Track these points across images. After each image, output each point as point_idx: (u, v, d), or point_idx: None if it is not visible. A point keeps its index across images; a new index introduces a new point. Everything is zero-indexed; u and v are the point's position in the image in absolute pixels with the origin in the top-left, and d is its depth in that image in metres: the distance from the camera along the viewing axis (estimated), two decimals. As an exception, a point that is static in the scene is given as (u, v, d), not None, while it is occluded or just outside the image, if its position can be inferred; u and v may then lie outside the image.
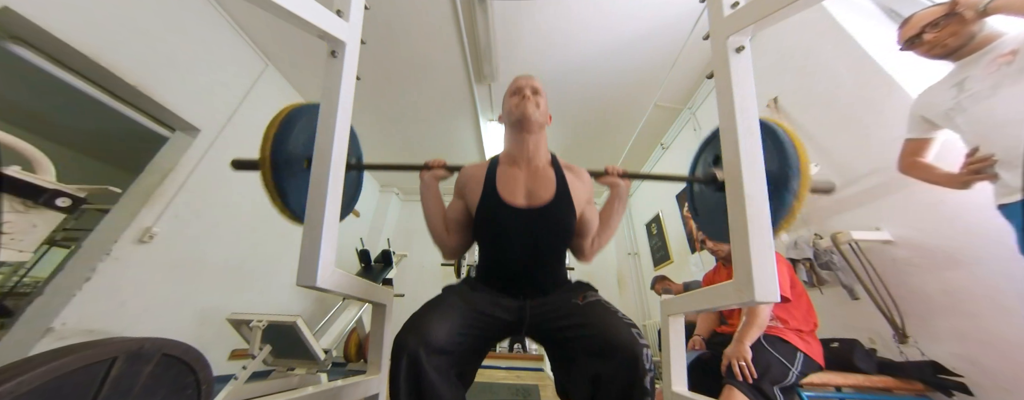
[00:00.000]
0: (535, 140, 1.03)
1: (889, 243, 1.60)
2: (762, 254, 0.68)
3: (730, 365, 1.29)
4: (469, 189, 1.05)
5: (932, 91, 1.15)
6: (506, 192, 0.99)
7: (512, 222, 0.97)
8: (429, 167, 1.10)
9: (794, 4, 0.67)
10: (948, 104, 1.06)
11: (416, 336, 0.75)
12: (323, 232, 0.73)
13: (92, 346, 0.55)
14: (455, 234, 1.08)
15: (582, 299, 0.91)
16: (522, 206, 0.98)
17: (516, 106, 1.02)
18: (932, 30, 1.07)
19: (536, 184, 1.00)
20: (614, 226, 1.10)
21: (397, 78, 3.26)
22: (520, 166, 1.03)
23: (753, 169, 0.73)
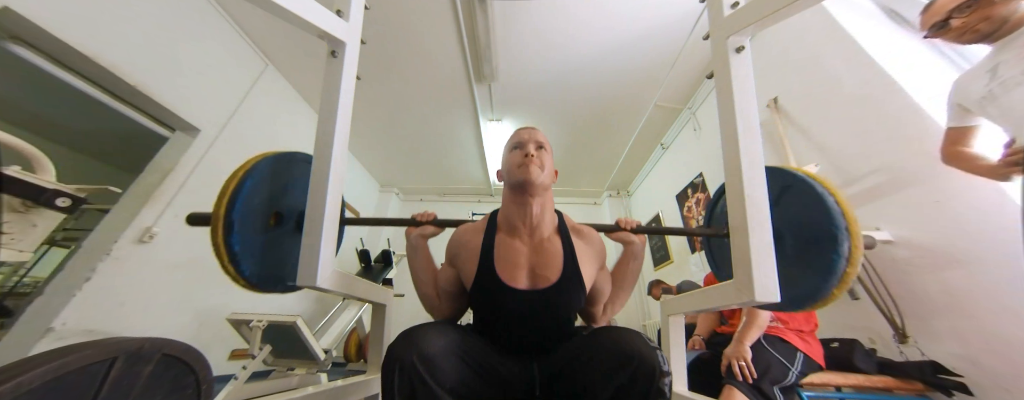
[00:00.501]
0: (540, 203, 0.90)
1: (889, 243, 1.59)
2: (762, 254, 0.68)
3: (730, 365, 1.29)
4: (462, 261, 0.92)
5: (968, 76, 1.06)
6: (505, 272, 0.86)
7: (513, 306, 0.85)
8: (417, 223, 0.97)
9: (794, 4, 0.67)
10: (981, 92, 0.98)
11: (410, 346, 0.68)
12: (323, 232, 0.73)
13: (92, 346, 0.55)
14: (448, 302, 0.96)
15: (587, 330, 0.86)
16: (524, 288, 0.86)
17: (518, 167, 0.88)
18: (959, 15, 0.98)
19: (540, 261, 0.87)
20: (629, 287, 0.98)
21: (397, 78, 3.25)
22: (522, 237, 0.90)
23: (753, 169, 0.73)
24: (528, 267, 0.87)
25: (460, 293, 0.95)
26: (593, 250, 0.94)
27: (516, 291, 0.85)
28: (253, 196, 0.82)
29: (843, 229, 0.75)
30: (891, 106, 1.63)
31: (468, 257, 0.91)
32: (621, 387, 0.68)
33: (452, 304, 0.97)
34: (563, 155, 4.44)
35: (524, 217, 0.89)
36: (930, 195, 1.47)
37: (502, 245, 0.90)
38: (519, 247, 0.89)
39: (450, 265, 0.97)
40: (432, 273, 0.97)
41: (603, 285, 0.95)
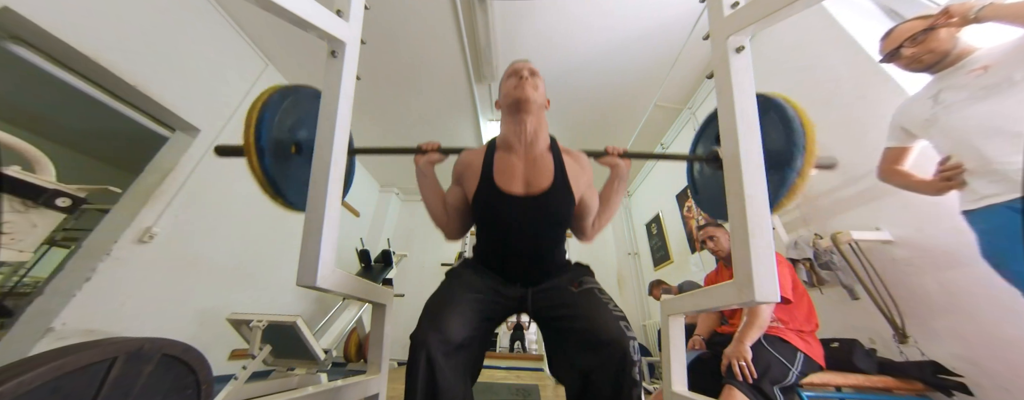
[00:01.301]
0: (534, 122, 0.99)
1: (889, 243, 1.60)
2: (762, 254, 0.68)
3: (730, 365, 1.29)
4: (466, 177, 1.04)
5: (911, 102, 1.19)
6: (503, 181, 0.97)
7: (510, 211, 0.96)
8: (423, 151, 1.08)
9: (794, 4, 0.67)
10: (925, 115, 1.11)
11: (436, 334, 0.78)
12: (323, 232, 0.73)
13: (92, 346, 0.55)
14: (456, 218, 1.08)
15: (577, 286, 0.94)
16: (519, 194, 0.96)
17: (514, 87, 0.99)
18: (911, 45, 1.11)
19: (534, 172, 0.98)
20: (614, 207, 1.09)
21: (397, 78, 3.26)
22: (517, 152, 1.00)
23: (753, 169, 0.73)
24: (523, 177, 0.97)
25: (466, 209, 1.06)
26: (581, 168, 1.05)
27: (512, 197, 0.96)
28: (272, 127, 0.89)
29: (801, 146, 0.86)
30: (891, 106, 1.62)
31: (471, 174, 1.02)
32: (593, 370, 0.77)
33: (459, 220, 1.08)
34: (563, 155, 4.45)
35: (519, 134, 0.98)
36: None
37: (500, 160, 1.00)
38: (515, 161, 0.99)
39: (456, 184, 1.08)
40: (440, 195, 1.09)
41: (591, 201, 1.05)
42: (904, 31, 1.12)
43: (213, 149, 0.99)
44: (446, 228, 1.10)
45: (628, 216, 5.28)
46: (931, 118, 1.09)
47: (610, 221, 1.10)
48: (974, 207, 1.01)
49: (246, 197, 2.81)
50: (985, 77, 0.98)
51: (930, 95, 1.11)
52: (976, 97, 0.99)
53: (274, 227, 3.09)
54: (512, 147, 1.01)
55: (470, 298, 0.91)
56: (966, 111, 1.00)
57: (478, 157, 1.04)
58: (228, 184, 2.68)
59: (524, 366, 4.03)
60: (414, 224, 5.63)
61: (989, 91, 0.96)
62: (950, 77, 1.07)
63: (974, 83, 1.00)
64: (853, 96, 1.81)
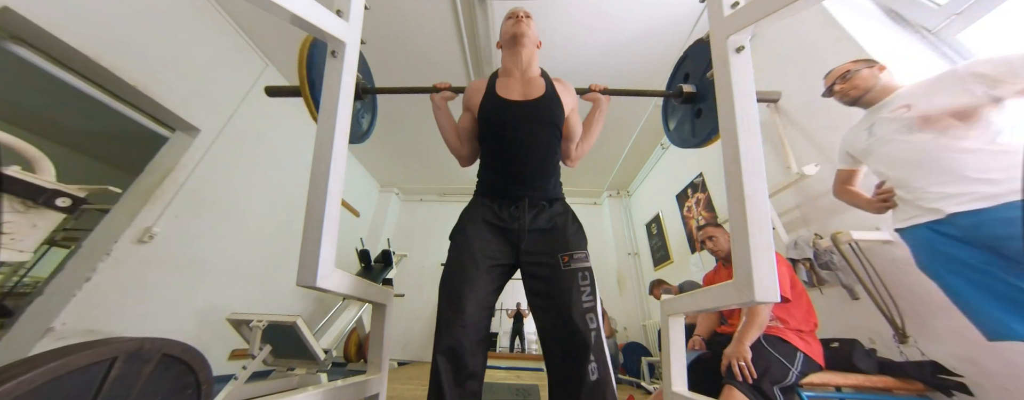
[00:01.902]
0: (528, 54, 1.18)
1: (889, 243, 1.59)
2: (762, 254, 0.68)
3: (730, 365, 1.29)
4: (474, 100, 1.20)
5: (853, 131, 1.35)
6: (503, 91, 1.16)
7: (509, 113, 1.12)
8: (437, 89, 1.29)
9: (794, 4, 0.67)
10: (862, 145, 1.28)
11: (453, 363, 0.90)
12: (323, 232, 0.73)
13: (92, 346, 0.55)
14: (467, 142, 1.24)
15: (567, 259, 1.00)
16: (517, 99, 1.14)
17: (512, 26, 1.17)
18: (841, 82, 1.32)
19: (528, 86, 1.17)
20: (595, 134, 1.27)
21: (397, 78, 3.26)
22: (515, 76, 1.19)
23: (753, 169, 0.73)
24: (520, 90, 1.16)
25: (476, 132, 1.21)
26: (567, 91, 1.22)
27: (512, 101, 1.13)
28: (316, 67, 1.01)
29: None
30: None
31: (477, 94, 1.19)
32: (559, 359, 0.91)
33: (470, 144, 1.25)
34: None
35: (517, 62, 1.18)
36: (930, 195, 1.47)
37: (501, 81, 1.19)
38: (513, 81, 1.18)
39: (467, 110, 1.24)
40: (453, 124, 1.26)
41: (576, 125, 1.23)
42: (836, 71, 1.35)
43: (264, 89, 1.15)
44: (459, 152, 1.26)
45: (628, 216, 5.28)
46: (866, 148, 1.26)
47: (591, 147, 1.29)
48: (902, 226, 1.16)
49: (246, 197, 2.81)
50: (908, 115, 1.13)
51: (866, 127, 1.28)
52: (900, 132, 1.15)
53: (274, 227, 3.10)
54: (511, 72, 1.20)
55: (475, 277, 0.99)
56: (893, 144, 1.17)
57: (483, 83, 1.23)
58: (228, 184, 2.68)
59: (524, 366, 4.03)
60: (414, 224, 5.64)
61: (909, 128, 1.12)
62: (879, 112, 1.24)
63: (899, 119, 1.15)
64: (853, 96, 1.81)
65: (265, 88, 1.15)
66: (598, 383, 0.86)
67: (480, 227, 1.08)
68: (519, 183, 1.11)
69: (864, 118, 1.31)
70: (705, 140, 1.21)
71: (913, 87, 1.19)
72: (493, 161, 1.17)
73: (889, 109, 1.20)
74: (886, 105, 1.22)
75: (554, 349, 0.93)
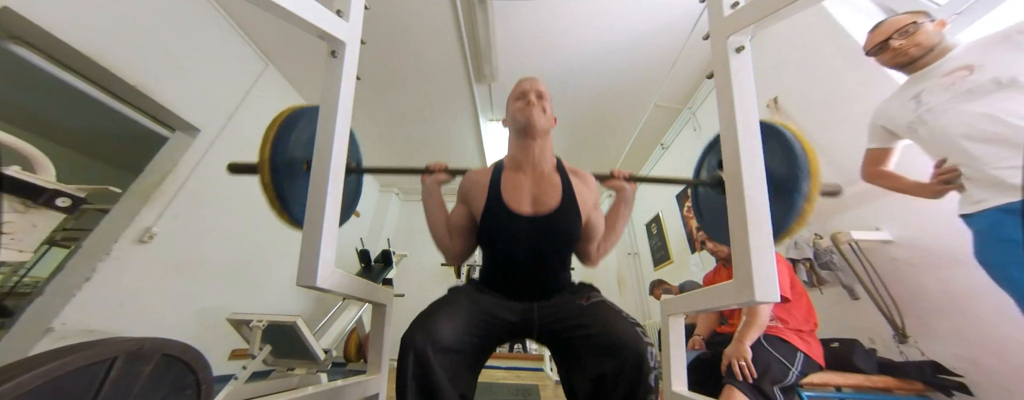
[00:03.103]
0: (540, 145, 1.01)
1: (889, 243, 1.60)
2: (762, 254, 0.68)
3: (730, 365, 1.29)
4: (473, 196, 1.04)
5: (891, 102, 1.18)
6: (511, 199, 0.97)
7: (517, 229, 0.95)
8: (430, 171, 1.10)
9: (794, 4, 0.67)
10: (908, 117, 1.10)
11: (424, 333, 0.75)
12: (323, 233, 0.73)
13: (92, 346, 0.55)
14: (459, 240, 1.06)
15: (586, 299, 0.91)
16: (528, 213, 0.96)
17: (520, 111, 0.99)
18: (900, 38, 1.10)
19: (542, 190, 0.99)
20: (620, 230, 1.08)
21: (397, 78, 3.26)
22: (525, 172, 1.02)
23: (753, 169, 0.73)
24: (531, 196, 0.98)
25: (470, 230, 1.05)
26: (588, 189, 1.05)
27: (521, 216, 0.95)
28: (288, 145, 0.91)
29: (806, 171, 0.86)
30: (891, 106, 1.63)
31: (478, 192, 1.02)
32: (607, 375, 0.73)
33: (462, 242, 1.06)
34: (564, 155, 4.44)
35: (528, 156, 1.01)
36: (930, 195, 1.47)
37: (508, 179, 1.01)
38: (523, 180, 1.00)
39: (462, 203, 1.07)
40: (444, 215, 1.09)
41: (597, 223, 1.05)
42: (894, 23, 1.12)
43: (226, 167, 1.00)
44: (448, 250, 1.07)
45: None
46: (915, 120, 1.07)
47: (615, 245, 1.09)
48: (970, 211, 0.99)
49: (246, 197, 2.81)
50: (970, 79, 0.96)
51: (911, 96, 1.09)
52: (961, 99, 0.97)
53: (274, 227, 3.07)
54: (520, 167, 1.03)
55: (467, 308, 0.87)
56: (953, 114, 0.98)
57: (485, 176, 1.04)
58: (228, 184, 2.67)
59: (524, 366, 4.03)
60: (414, 224, 5.63)
61: (974, 94, 0.95)
62: (929, 77, 1.06)
63: (958, 85, 0.98)
64: (853, 96, 1.81)
65: (228, 165, 0.99)
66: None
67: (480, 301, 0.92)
68: (528, 292, 0.96)
69: (906, 85, 1.13)
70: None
71: (970, 47, 1.01)
72: (496, 267, 1.02)
73: (943, 73, 1.02)
74: (938, 69, 1.04)
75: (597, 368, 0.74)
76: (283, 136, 0.90)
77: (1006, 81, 0.90)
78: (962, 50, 1.03)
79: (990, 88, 0.92)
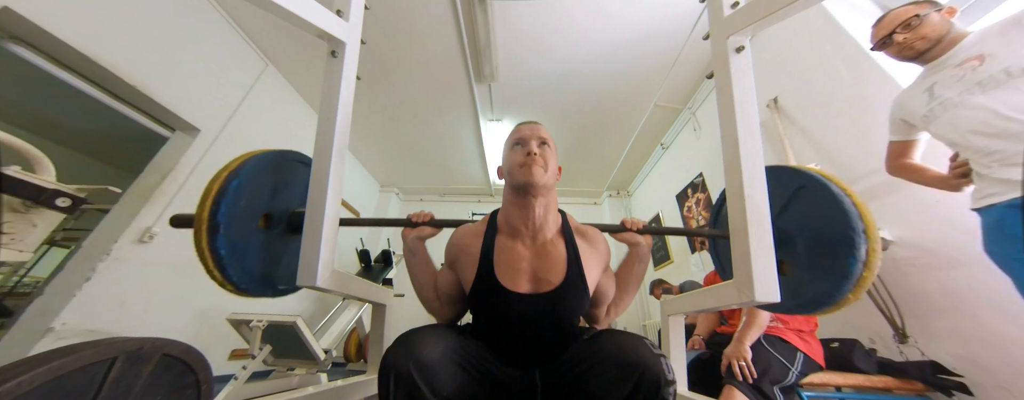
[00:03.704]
0: (543, 204, 0.85)
1: (889, 243, 1.59)
2: (762, 254, 0.68)
3: (730, 365, 1.29)
4: (461, 265, 0.89)
5: (907, 94, 1.14)
6: (507, 276, 0.82)
7: (514, 309, 0.82)
8: (413, 223, 0.93)
9: (794, 4, 0.67)
10: (922, 111, 1.06)
11: (406, 353, 0.65)
12: (323, 232, 0.73)
13: (92, 346, 0.55)
14: (449, 306, 0.94)
15: (588, 332, 0.83)
16: (526, 292, 0.82)
17: (520, 167, 0.83)
18: (903, 31, 1.06)
19: (543, 265, 0.84)
20: (634, 290, 0.96)
21: (397, 78, 3.25)
22: (524, 240, 0.86)
23: (753, 169, 0.73)
24: (530, 271, 0.83)
25: (460, 297, 0.92)
26: (597, 252, 0.91)
27: (518, 295, 0.81)
28: (240, 197, 0.77)
29: (861, 231, 0.74)
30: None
31: (467, 262, 0.87)
32: (626, 398, 0.64)
33: (454, 307, 0.94)
34: (563, 155, 4.45)
35: (526, 220, 0.85)
36: (930, 195, 1.47)
37: (503, 249, 0.85)
38: (521, 251, 0.85)
39: (449, 268, 0.93)
40: (431, 276, 0.94)
41: (607, 287, 0.93)
42: (896, 17, 1.08)
43: (169, 220, 0.87)
44: (438, 314, 0.95)
45: (628, 216, 5.27)
46: (928, 114, 1.04)
47: (628, 307, 0.97)
48: (979, 206, 0.96)
49: (246, 197, 2.80)
50: (981, 69, 0.93)
51: (924, 88, 1.06)
52: (972, 91, 0.93)
53: (274, 227, 3.09)
54: (517, 233, 0.87)
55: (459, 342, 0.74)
56: (962, 107, 0.95)
57: (476, 241, 0.89)
58: (228, 184, 2.67)
59: (524, 366, 4.04)
60: (414, 224, 5.62)
61: (985, 86, 0.91)
62: (942, 68, 1.02)
63: (969, 76, 0.94)
64: (853, 96, 1.81)
65: (170, 219, 0.87)
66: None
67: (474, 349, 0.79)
68: (527, 360, 0.84)
69: (922, 77, 1.08)
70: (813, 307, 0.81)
71: (983, 34, 0.97)
72: (490, 340, 0.85)
73: (954, 63, 0.98)
74: (950, 59, 1.00)
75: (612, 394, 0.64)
76: (231, 188, 0.76)
77: (1016, 71, 0.86)
78: (974, 38, 0.98)
79: (1000, 79, 0.89)
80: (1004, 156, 0.87)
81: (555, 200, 0.90)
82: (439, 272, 0.95)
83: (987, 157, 0.91)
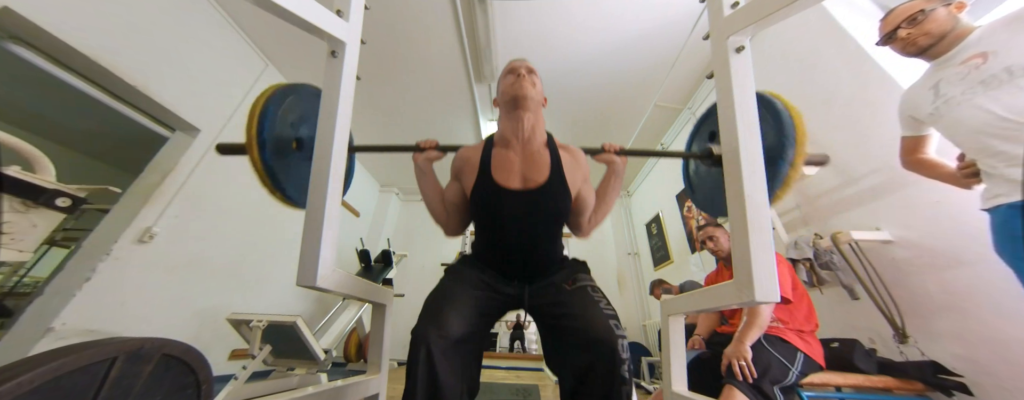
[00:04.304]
0: (531, 119, 1.00)
1: (889, 243, 1.60)
2: (762, 254, 0.68)
3: (730, 365, 1.29)
4: (465, 173, 1.06)
5: (914, 90, 1.13)
6: (500, 175, 0.99)
7: (507, 205, 0.98)
8: (421, 149, 1.08)
9: (794, 4, 0.67)
10: (928, 108, 1.06)
11: (435, 328, 0.81)
12: (323, 232, 0.73)
13: (92, 346, 0.55)
14: (454, 215, 1.10)
15: (571, 284, 0.97)
16: (517, 189, 0.98)
17: (511, 85, 1.00)
18: (908, 26, 1.05)
19: (530, 167, 1.00)
20: (610, 203, 1.10)
21: (397, 78, 3.26)
22: (515, 148, 1.02)
23: (753, 169, 0.73)
24: (520, 172, 0.99)
25: (464, 205, 1.09)
26: (578, 164, 1.06)
27: (509, 191, 0.98)
28: (275, 122, 0.90)
29: (792, 138, 0.87)
30: (891, 106, 1.61)
31: (469, 170, 1.04)
32: (584, 366, 0.81)
33: (458, 216, 1.11)
34: (563, 155, 4.45)
35: (517, 131, 1.00)
36: (930, 195, 1.47)
37: (498, 156, 1.02)
38: (512, 157, 1.01)
39: (454, 180, 1.10)
40: (439, 192, 1.11)
41: (587, 197, 1.07)
42: (902, 12, 1.07)
43: (215, 147, 1.02)
44: (445, 224, 1.12)
45: (628, 216, 5.28)
46: (934, 112, 1.03)
47: (606, 217, 1.12)
48: (985, 206, 0.96)
49: (246, 197, 2.81)
50: (984, 68, 0.92)
51: (930, 85, 1.05)
52: (975, 90, 0.93)
53: (274, 227, 3.09)
54: (509, 143, 1.02)
55: (468, 294, 0.94)
56: (966, 107, 0.94)
57: (476, 153, 1.06)
58: (228, 184, 2.67)
59: (524, 366, 4.03)
60: (414, 224, 5.63)
61: (987, 85, 0.91)
62: (947, 66, 1.01)
63: (972, 74, 0.94)
64: (853, 96, 1.81)
65: (216, 146, 1.01)
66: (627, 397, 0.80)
67: (475, 282, 1.00)
68: (518, 267, 1.02)
69: (928, 74, 1.08)
70: None
71: (987, 30, 0.96)
72: (487, 243, 1.06)
73: (959, 60, 0.97)
74: (956, 56, 0.99)
75: (577, 361, 0.82)
76: (269, 115, 0.89)
77: (1018, 70, 0.86)
78: (979, 34, 0.97)
79: (1003, 78, 0.89)
80: (1008, 157, 0.87)
81: (542, 120, 1.05)
82: (446, 186, 1.12)
83: (992, 157, 0.91)
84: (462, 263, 1.09)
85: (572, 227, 1.13)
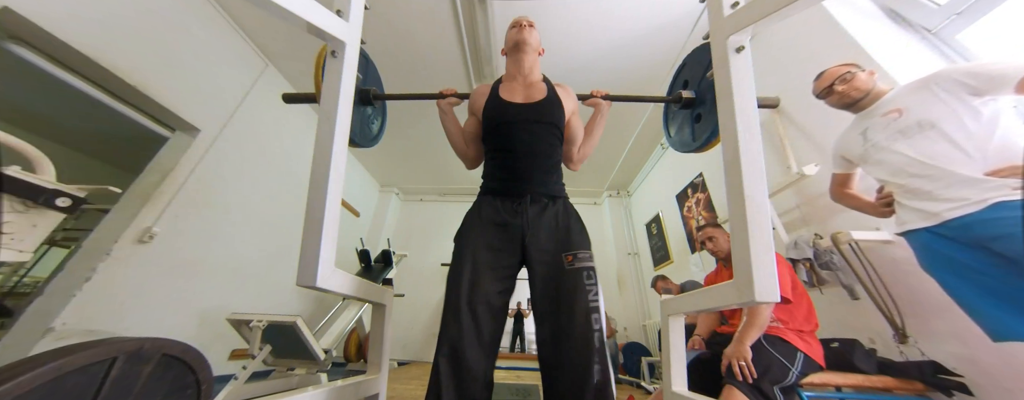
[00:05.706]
0: (530, 60, 1.25)
1: (889, 243, 1.59)
2: (762, 254, 0.68)
3: (730, 365, 1.29)
4: (479, 104, 1.27)
5: (846, 135, 1.38)
6: (506, 95, 1.23)
7: (511, 114, 1.18)
8: (444, 95, 1.38)
9: (794, 4, 0.67)
10: (858, 150, 1.31)
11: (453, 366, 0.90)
12: (323, 232, 0.73)
13: (92, 346, 0.55)
14: (473, 145, 1.31)
15: (570, 259, 1.01)
16: (520, 102, 1.20)
17: (516, 33, 1.25)
18: (841, 84, 1.33)
19: (530, 90, 1.24)
20: (596, 137, 1.31)
21: (397, 78, 3.25)
22: (518, 80, 1.26)
23: (753, 169, 0.73)
24: (523, 93, 1.23)
25: (478, 135, 1.28)
26: (569, 96, 1.28)
27: (514, 104, 1.20)
28: None
29: None
30: (891, 106, 1.63)
31: (481, 99, 1.26)
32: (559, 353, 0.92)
33: (476, 147, 1.31)
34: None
35: (520, 67, 1.25)
36: (930, 195, 1.47)
37: (505, 86, 1.27)
38: (516, 85, 1.26)
39: (471, 115, 1.32)
40: (459, 128, 1.34)
41: (577, 128, 1.28)
42: (833, 73, 1.36)
43: (281, 96, 1.27)
44: (466, 154, 1.33)
45: (628, 216, 5.28)
46: (864, 154, 1.28)
47: (593, 149, 1.33)
48: (901, 230, 1.18)
49: (246, 197, 2.81)
50: (900, 120, 1.16)
51: (859, 131, 1.30)
52: (895, 138, 1.17)
53: (274, 227, 3.09)
54: (514, 77, 1.27)
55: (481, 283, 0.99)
56: (887, 151, 1.19)
57: (487, 87, 1.30)
58: (228, 184, 2.68)
59: (524, 366, 4.03)
60: (414, 224, 5.63)
61: (903, 134, 1.15)
62: (871, 116, 1.27)
63: (891, 125, 1.18)
64: (853, 96, 1.81)
65: (283, 95, 1.24)
66: (600, 385, 0.86)
67: (484, 227, 1.10)
68: (521, 179, 1.13)
69: (856, 122, 1.34)
70: (705, 144, 1.25)
71: (902, 91, 1.22)
72: (496, 159, 1.20)
73: (880, 113, 1.24)
74: (877, 109, 1.26)
75: (555, 350, 0.92)
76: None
77: (925, 124, 1.11)
78: (895, 93, 1.23)
79: (915, 129, 1.12)
80: (920, 192, 1.10)
81: (538, 63, 1.29)
82: (465, 122, 1.35)
83: (907, 192, 1.14)
84: (472, 214, 1.17)
85: (565, 159, 1.30)
